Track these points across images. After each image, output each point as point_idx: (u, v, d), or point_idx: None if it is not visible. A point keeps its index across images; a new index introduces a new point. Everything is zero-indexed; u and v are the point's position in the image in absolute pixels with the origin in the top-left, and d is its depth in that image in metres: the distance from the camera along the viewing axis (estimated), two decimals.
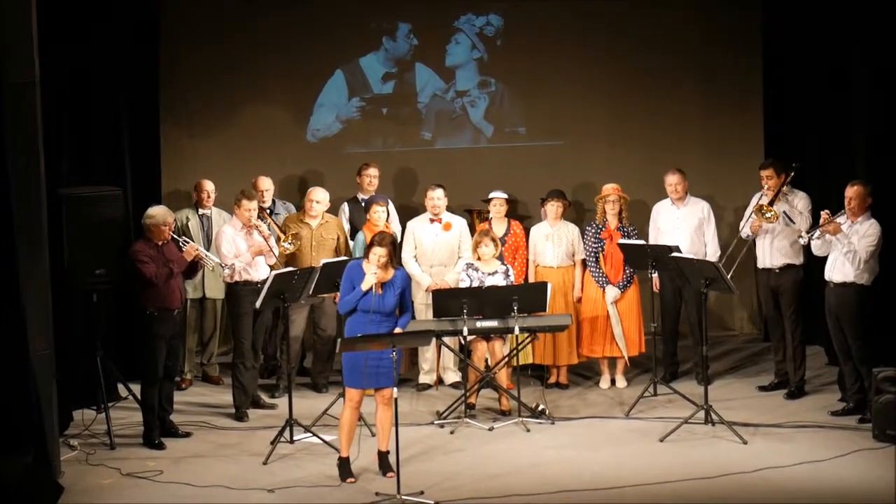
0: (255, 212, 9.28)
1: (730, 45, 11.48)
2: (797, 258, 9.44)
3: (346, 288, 7.81)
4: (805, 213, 9.37)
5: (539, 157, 11.63)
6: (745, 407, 9.21)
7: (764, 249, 9.49)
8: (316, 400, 9.38)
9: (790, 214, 9.33)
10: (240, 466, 8.19)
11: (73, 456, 8.38)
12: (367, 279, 7.69)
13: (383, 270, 7.72)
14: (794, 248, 9.40)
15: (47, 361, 7.71)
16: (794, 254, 9.42)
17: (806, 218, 9.34)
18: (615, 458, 8.18)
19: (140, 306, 8.54)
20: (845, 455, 8.04)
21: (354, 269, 7.84)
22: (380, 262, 7.70)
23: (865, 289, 8.62)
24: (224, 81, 11.45)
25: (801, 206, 9.41)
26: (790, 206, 9.38)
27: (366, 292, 7.68)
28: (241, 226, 9.29)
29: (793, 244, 9.36)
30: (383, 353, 7.61)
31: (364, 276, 7.70)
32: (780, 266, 9.42)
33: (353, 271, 7.83)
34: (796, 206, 9.40)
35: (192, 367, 10.30)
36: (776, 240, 9.40)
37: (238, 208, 9.29)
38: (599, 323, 9.84)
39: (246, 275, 9.25)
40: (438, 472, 7.95)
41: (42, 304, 7.66)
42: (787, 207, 9.36)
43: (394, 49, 11.67)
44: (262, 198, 10.15)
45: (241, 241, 9.26)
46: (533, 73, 11.62)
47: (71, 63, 9.36)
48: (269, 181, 10.27)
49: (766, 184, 9.41)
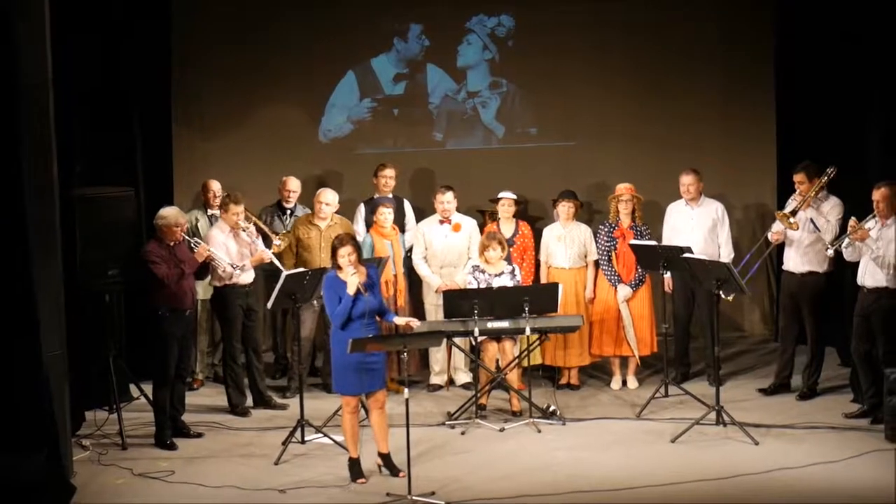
0: (241, 215, 9.30)
1: (745, 46, 11.44)
2: (821, 266, 9.30)
3: (333, 301, 7.74)
4: (833, 221, 9.17)
5: (551, 157, 11.61)
6: (757, 408, 9.18)
7: (789, 253, 9.40)
8: (327, 400, 9.37)
9: (816, 222, 9.19)
10: (251, 467, 8.20)
11: (86, 456, 8.41)
12: (351, 282, 7.66)
13: (357, 268, 7.71)
14: (820, 257, 9.24)
15: (60, 362, 7.72)
16: (819, 262, 9.29)
17: (833, 227, 9.15)
18: (626, 458, 8.16)
19: (152, 307, 8.56)
20: (858, 456, 8.01)
21: (333, 281, 7.77)
22: (351, 260, 7.68)
23: None
24: (236, 83, 11.46)
25: (832, 214, 9.21)
26: (819, 212, 9.24)
27: (355, 297, 7.67)
28: (229, 229, 9.30)
29: (818, 252, 9.24)
30: (373, 353, 7.62)
31: (345, 284, 7.69)
32: (804, 272, 9.34)
33: (333, 284, 7.77)
34: (825, 213, 9.23)
35: (203, 368, 10.31)
36: (804, 245, 9.29)
37: (225, 212, 9.30)
38: (610, 323, 9.82)
39: (237, 278, 9.26)
40: (449, 472, 7.95)
41: (55, 304, 7.67)
42: (814, 214, 9.21)
43: (405, 50, 11.67)
44: (287, 198, 10.18)
45: (231, 244, 9.26)
46: (544, 74, 11.60)
47: (83, 64, 9.37)
48: (297, 182, 10.28)
49: (798, 188, 9.28)
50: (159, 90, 10.76)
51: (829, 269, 9.31)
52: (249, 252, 9.29)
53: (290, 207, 10.22)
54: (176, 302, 8.57)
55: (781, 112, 11.21)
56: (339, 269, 7.74)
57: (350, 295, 7.66)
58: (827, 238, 9.11)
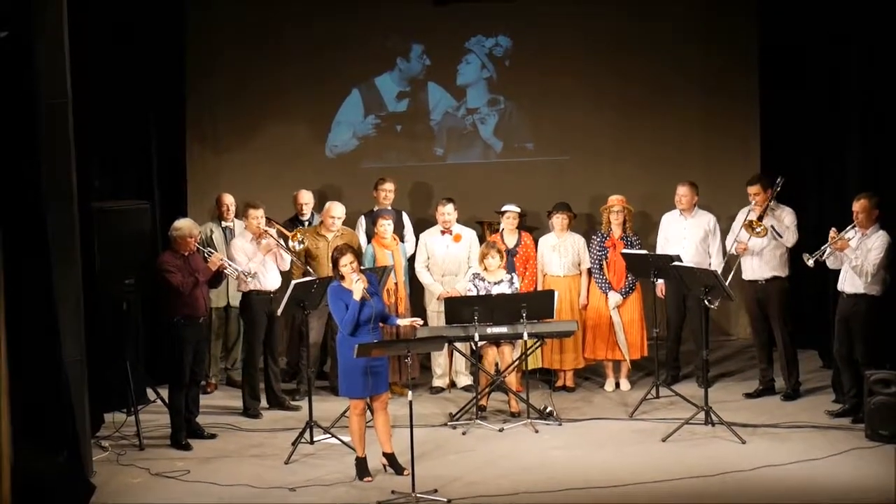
0: (262, 219, 9.32)
1: (728, 62, 11.47)
2: (783, 271, 9.46)
3: (340, 308, 7.77)
4: (791, 227, 9.38)
5: (546, 171, 11.64)
6: (744, 408, 9.21)
7: (752, 262, 9.48)
8: (335, 402, 9.37)
9: (777, 229, 9.33)
10: (263, 466, 8.21)
11: (105, 456, 8.42)
12: (356, 288, 7.69)
13: (360, 275, 7.74)
14: (781, 262, 9.43)
15: (79, 367, 7.73)
16: (781, 266, 9.44)
17: (793, 232, 9.36)
18: (619, 457, 8.19)
19: (167, 315, 8.58)
20: (840, 454, 8.04)
21: (337, 290, 7.80)
22: (354, 268, 7.71)
23: (876, 299, 8.56)
24: (247, 99, 11.49)
25: (788, 220, 9.41)
26: (777, 220, 9.38)
27: (362, 302, 7.69)
28: (252, 237, 9.33)
29: (779, 257, 9.39)
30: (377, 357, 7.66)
31: (349, 293, 7.72)
32: (767, 278, 9.42)
33: (338, 293, 7.79)
34: (783, 220, 9.40)
35: (216, 372, 10.32)
36: (764, 252, 9.39)
37: (246, 219, 9.34)
38: (603, 328, 9.85)
39: (258, 284, 9.29)
40: (451, 471, 7.97)
41: (74, 312, 7.69)
42: (774, 222, 9.35)
43: (407, 69, 11.70)
44: (301, 211, 10.20)
45: (253, 250, 9.29)
46: (540, 91, 11.63)
47: (101, 82, 9.39)
48: (309, 195, 10.30)
49: (754, 199, 9.40)
50: (174, 107, 10.80)
51: (790, 272, 9.44)
52: (274, 257, 9.31)
53: (306, 219, 10.24)
54: (190, 310, 8.59)
55: (765, 128, 11.24)
56: (342, 278, 7.77)
57: (357, 301, 7.69)
58: (789, 244, 9.31)
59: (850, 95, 9.71)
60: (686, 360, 10.23)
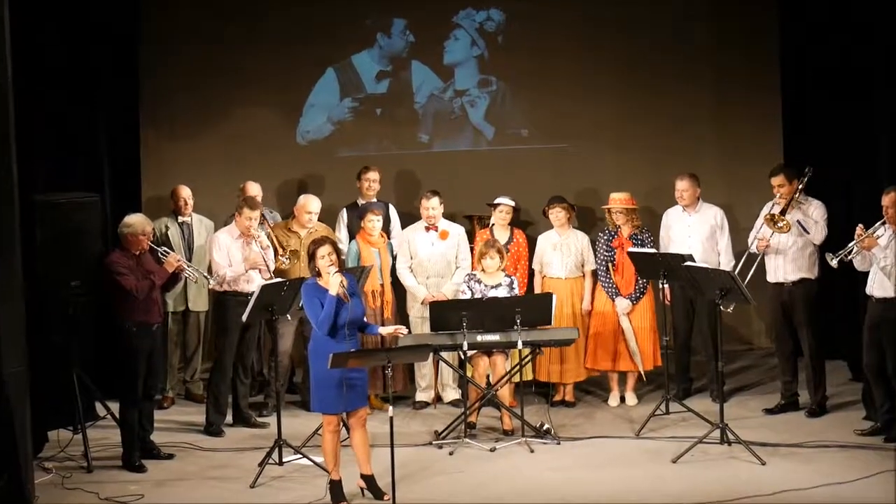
0: (255, 221, 9.27)
1: (745, 45, 11.49)
2: (812, 272, 9.40)
3: (316, 308, 7.72)
4: (821, 222, 9.33)
5: (543, 160, 11.65)
6: (763, 426, 9.21)
7: (777, 262, 9.44)
8: (307, 419, 9.34)
9: (804, 224, 9.29)
10: (226, 490, 8.17)
11: (49, 479, 8.37)
12: (332, 282, 7.65)
13: (338, 268, 7.71)
14: (810, 262, 9.37)
15: (21, 379, 7.66)
16: (809, 267, 9.39)
17: (822, 228, 9.31)
18: (624, 480, 8.16)
19: (118, 321, 8.54)
20: (870, 476, 8.01)
21: (313, 288, 7.77)
22: (332, 261, 7.68)
23: None
24: (208, 82, 11.49)
25: (817, 214, 9.36)
26: (805, 214, 9.34)
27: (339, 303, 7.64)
28: (239, 234, 9.27)
29: (808, 257, 9.34)
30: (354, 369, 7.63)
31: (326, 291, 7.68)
32: (795, 280, 9.39)
33: (313, 291, 7.76)
34: (811, 214, 9.36)
35: (174, 385, 10.30)
36: (791, 251, 9.36)
37: (238, 216, 9.29)
38: (608, 337, 9.82)
39: (235, 285, 9.22)
40: (437, 495, 7.94)
41: (15, 317, 7.62)
42: (801, 216, 9.31)
43: (389, 46, 11.69)
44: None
45: (235, 251, 9.26)
46: (536, 72, 11.64)
47: (47, 63, 9.36)
48: (257, 187, 10.24)
49: (778, 192, 9.38)
50: (127, 90, 10.80)
51: (820, 274, 9.38)
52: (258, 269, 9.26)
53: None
54: (143, 316, 8.56)
55: (787, 116, 11.24)
56: (319, 276, 7.72)
57: (332, 295, 7.62)
58: (817, 240, 9.25)
59: (881, 75, 9.68)
60: (699, 372, 10.23)
